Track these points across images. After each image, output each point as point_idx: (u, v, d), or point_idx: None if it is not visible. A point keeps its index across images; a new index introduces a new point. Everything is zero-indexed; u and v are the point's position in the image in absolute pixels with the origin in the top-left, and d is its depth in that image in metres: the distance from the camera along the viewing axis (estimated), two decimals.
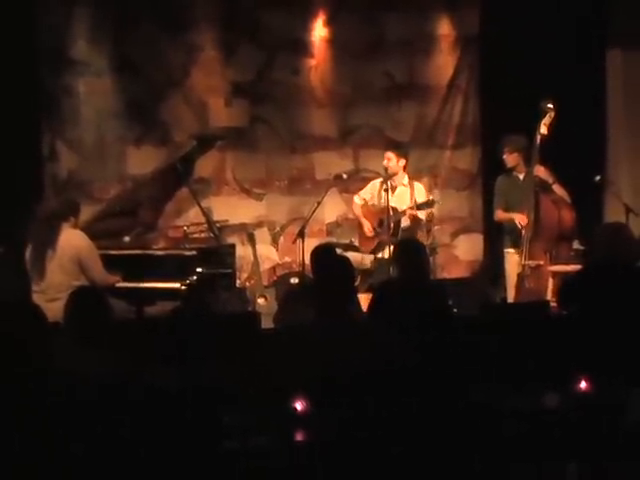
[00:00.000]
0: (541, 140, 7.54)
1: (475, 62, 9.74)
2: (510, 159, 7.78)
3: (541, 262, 7.48)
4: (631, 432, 4.61)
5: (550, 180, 7.56)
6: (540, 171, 7.56)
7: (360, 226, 8.39)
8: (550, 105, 7.53)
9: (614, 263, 5.71)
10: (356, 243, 8.68)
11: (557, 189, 7.59)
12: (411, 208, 7.94)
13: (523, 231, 7.55)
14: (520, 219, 7.58)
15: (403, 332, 5.01)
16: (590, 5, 9.36)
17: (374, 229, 8.19)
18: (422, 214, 8.01)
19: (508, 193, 7.85)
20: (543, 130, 7.53)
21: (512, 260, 7.72)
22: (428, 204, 7.96)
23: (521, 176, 7.78)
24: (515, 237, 7.68)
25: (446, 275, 9.56)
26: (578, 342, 5.27)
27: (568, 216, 7.48)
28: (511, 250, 7.76)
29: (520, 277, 7.58)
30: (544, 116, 7.54)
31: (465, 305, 7.36)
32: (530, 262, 7.49)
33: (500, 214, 7.91)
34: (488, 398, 4.71)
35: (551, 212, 7.47)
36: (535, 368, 5.08)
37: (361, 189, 8.55)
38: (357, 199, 8.46)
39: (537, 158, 7.57)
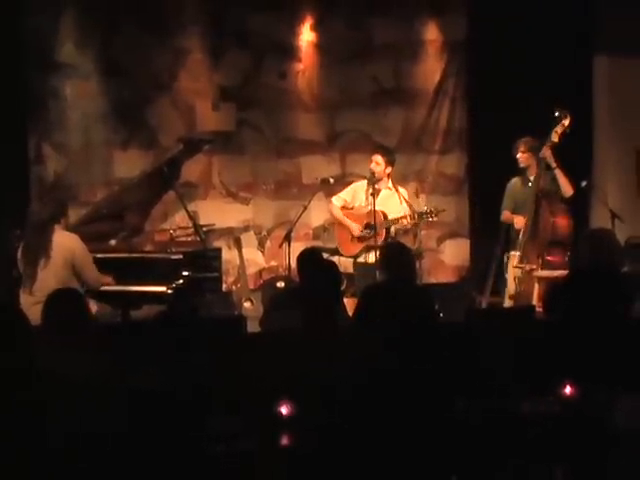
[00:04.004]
0: (551, 147, 7.63)
1: (462, 67, 9.77)
2: (523, 158, 7.85)
3: (534, 266, 7.52)
4: (615, 436, 4.63)
5: (553, 164, 7.64)
6: (547, 154, 7.62)
7: (340, 228, 8.23)
8: (564, 114, 7.62)
9: (598, 269, 5.74)
10: None
11: (560, 175, 7.66)
12: (411, 217, 7.84)
13: (520, 234, 7.62)
14: (518, 221, 7.69)
15: (389, 336, 5.02)
16: (577, 11, 9.39)
17: (360, 231, 8.04)
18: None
19: (516, 195, 7.94)
20: (554, 138, 7.62)
21: (513, 262, 7.77)
22: (431, 213, 7.89)
23: (531, 178, 7.85)
24: (516, 239, 7.75)
25: (432, 280, 9.58)
26: (563, 347, 5.29)
27: (564, 224, 7.54)
28: (514, 253, 7.79)
29: (517, 280, 7.63)
30: (557, 124, 7.60)
31: (451, 310, 7.36)
32: (526, 266, 7.53)
33: (506, 215, 7.99)
34: (473, 402, 4.72)
35: (547, 219, 7.53)
36: (520, 373, 5.09)
37: None
38: (336, 200, 8.20)
39: (544, 166, 7.67)
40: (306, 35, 9.47)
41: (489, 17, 9.37)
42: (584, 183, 8.14)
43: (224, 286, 8.40)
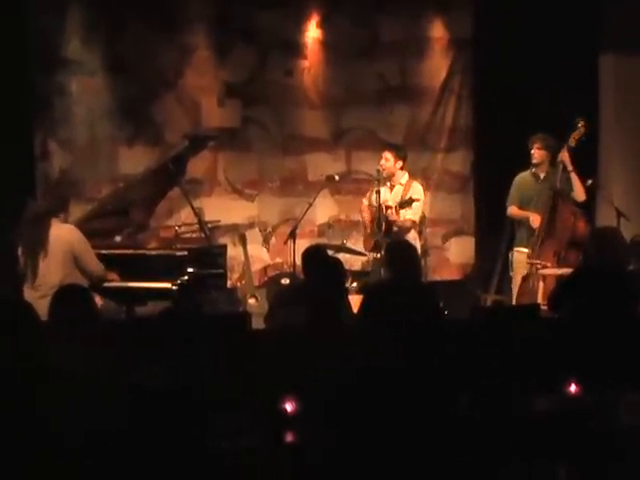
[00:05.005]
0: (568, 151, 7.72)
1: (468, 65, 9.77)
2: (537, 155, 7.90)
3: (548, 264, 7.52)
4: (620, 434, 4.62)
5: (570, 167, 7.72)
6: (565, 156, 7.72)
7: (365, 227, 8.29)
8: (582, 122, 7.72)
9: (604, 267, 5.74)
10: (349, 244, 8.70)
11: (575, 179, 7.74)
12: (396, 207, 7.81)
13: (536, 231, 7.64)
14: (534, 218, 7.71)
15: (393, 333, 5.01)
16: (583, 9, 9.38)
17: (372, 228, 8.07)
18: (410, 214, 7.89)
19: (524, 190, 7.96)
20: (572, 143, 7.73)
21: (521, 259, 7.77)
22: (407, 202, 7.81)
23: (542, 175, 7.88)
24: (528, 236, 7.74)
25: (437, 277, 9.57)
26: (568, 345, 5.28)
27: (583, 226, 7.59)
28: (522, 249, 7.79)
29: (526, 277, 7.63)
30: (574, 130, 7.72)
31: (456, 308, 7.35)
32: (540, 263, 7.54)
33: (515, 210, 8.01)
34: (477, 400, 4.72)
35: (567, 219, 7.57)
36: (524, 371, 5.09)
37: (353, 191, 8.52)
38: (365, 201, 8.28)
39: (561, 168, 7.74)
40: (312, 32, 9.46)
41: (495, 15, 9.36)
42: (589, 182, 8.14)
43: (229, 283, 8.42)
